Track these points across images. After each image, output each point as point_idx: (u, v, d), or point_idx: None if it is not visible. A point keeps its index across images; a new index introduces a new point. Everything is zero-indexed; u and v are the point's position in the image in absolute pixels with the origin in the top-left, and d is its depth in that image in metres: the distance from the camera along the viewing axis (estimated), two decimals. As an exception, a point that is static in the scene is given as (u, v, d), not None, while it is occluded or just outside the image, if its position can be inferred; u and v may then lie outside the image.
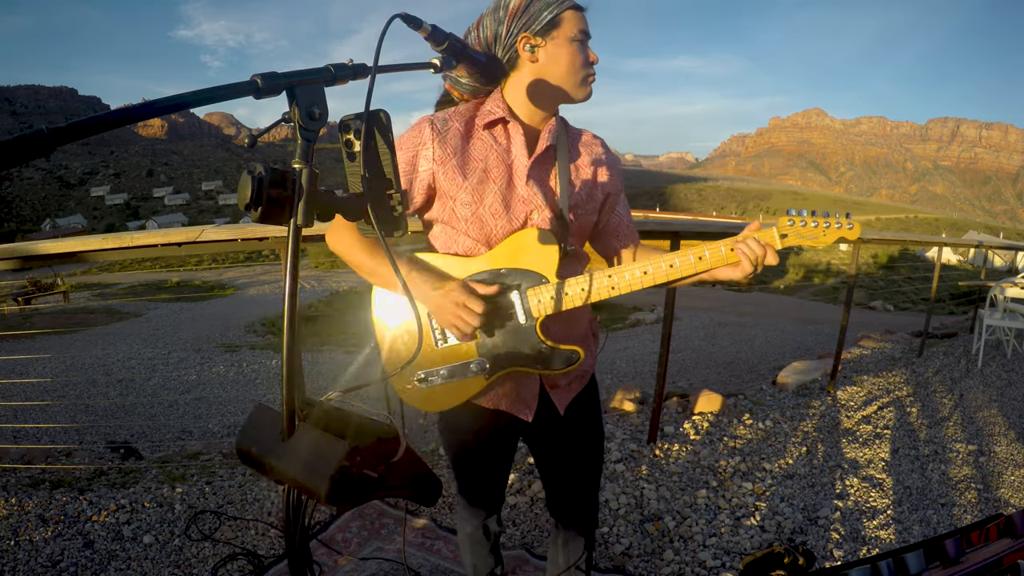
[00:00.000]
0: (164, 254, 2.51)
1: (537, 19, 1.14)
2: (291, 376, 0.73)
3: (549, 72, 1.17)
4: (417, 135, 1.17)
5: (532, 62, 1.17)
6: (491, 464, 1.49)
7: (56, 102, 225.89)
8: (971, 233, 59.98)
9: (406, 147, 1.17)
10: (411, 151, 1.17)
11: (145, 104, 0.56)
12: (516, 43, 1.16)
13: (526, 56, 1.16)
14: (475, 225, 1.19)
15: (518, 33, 1.15)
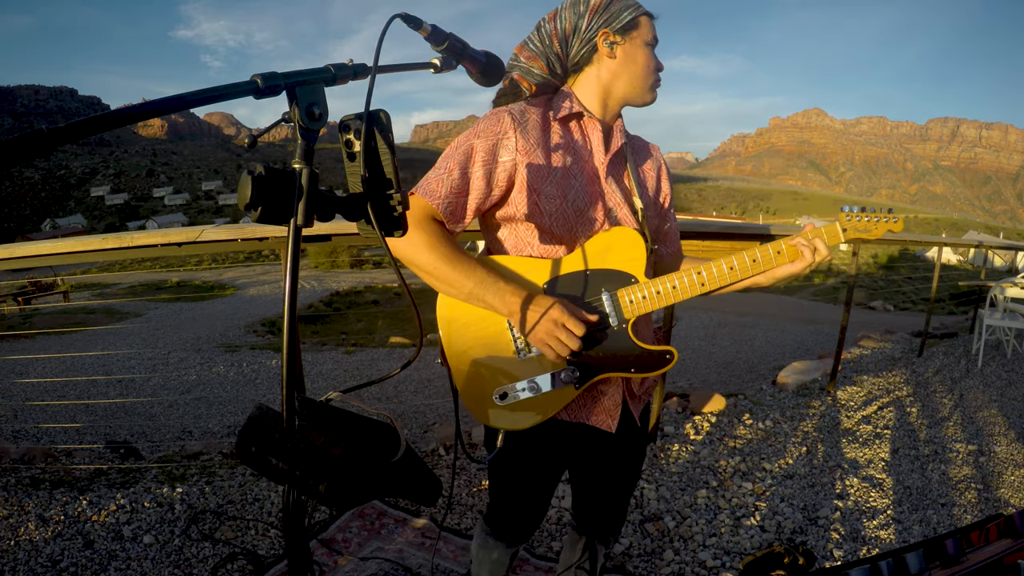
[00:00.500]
0: (164, 254, 2.51)
1: (618, 18, 1.16)
2: (291, 376, 0.73)
3: (625, 71, 1.18)
4: (496, 124, 1.11)
5: (610, 58, 1.17)
6: (555, 484, 1.37)
7: (56, 102, 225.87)
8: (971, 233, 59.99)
9: (485, 135, 1.11)
10: (490, 139, 1.11)
11: (145, 104, 0.56)
12: (596, 38, 1.16)
13: (605, 52, 1.17)
14: (559, 220, 1.14)
15: (599, 28, 1.15)
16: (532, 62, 1.19)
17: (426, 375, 5.85)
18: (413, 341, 7.86)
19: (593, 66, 1.19)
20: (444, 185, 1.09)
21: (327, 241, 2.58)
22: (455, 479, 2.75)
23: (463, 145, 1.11)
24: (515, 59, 1.21)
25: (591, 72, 1.19)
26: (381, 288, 15.38)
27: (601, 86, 1.19)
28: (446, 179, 1.09)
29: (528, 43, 1.20)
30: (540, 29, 1.19)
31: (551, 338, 1.09)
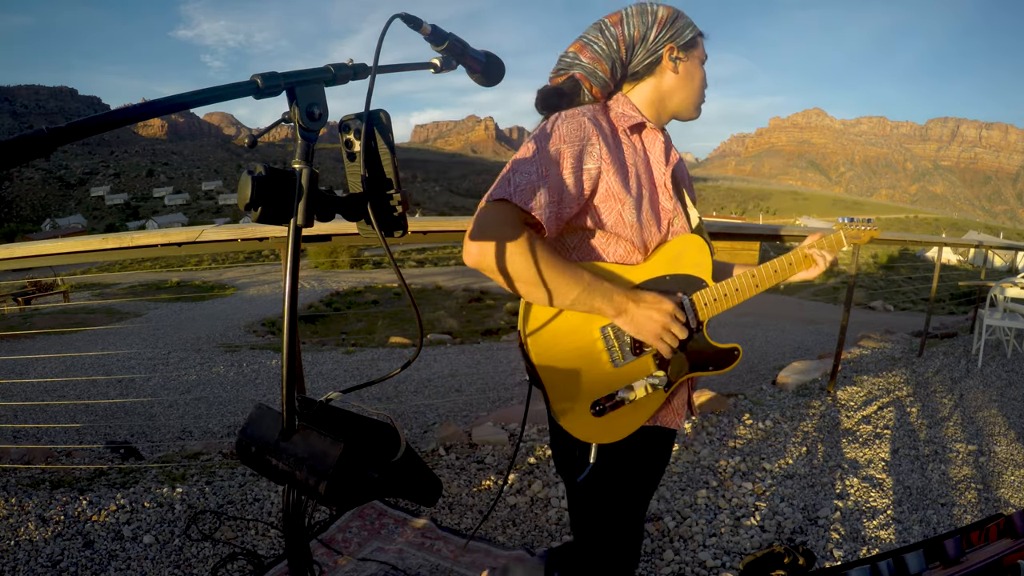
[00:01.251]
0: (164, 254, 2.51)
1: (682, 35, 1.18)
2: (291, 376, 0.73)
3: (683, 87, 1.21)
4: (579, 129, 1.08)
5: (673, 72, 1.19)
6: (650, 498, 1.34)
7: (56, 102, 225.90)
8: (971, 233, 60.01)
9: (569, 141, 1.06)
10: (576, 146, 1.07)
11: (145, 104, 0.56)
12: (662, 50, 1.18)
13: (668, 65, 1.19)
14: (637, 230, 1.13)
15: (665, 42, 1.17)
16: (597, 64, 1.17)
17: (426, 375, 5.85)
18: (413, 341, 7.86)
19: (654, 77, 1.20)
20: (539, 192, 1.03)
21: (327, 241, 2.58)
22: (454, 480, 2.76)
23: (549, 149, 1.06)
24: (574, 58, 1.18)
25: (651, 83, 1.20)
26: (381, 288, 15.38)
27: (659, 98, 1.21)
28: (539, 185, 1.03)
29: (591, 44, 1.18)
30: (604, 31, 1.17)
31: (666, 332, 1.11)
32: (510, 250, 1.01)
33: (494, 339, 8.56)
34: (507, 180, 1.04)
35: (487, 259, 1.02)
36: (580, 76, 1.18)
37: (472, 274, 18.80)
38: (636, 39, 1.16)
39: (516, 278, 1.03)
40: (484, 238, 1.01)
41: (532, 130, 1.16)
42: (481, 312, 12.37)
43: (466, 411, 4.39)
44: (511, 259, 1.02)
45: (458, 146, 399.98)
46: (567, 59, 1.19)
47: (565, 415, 1.13)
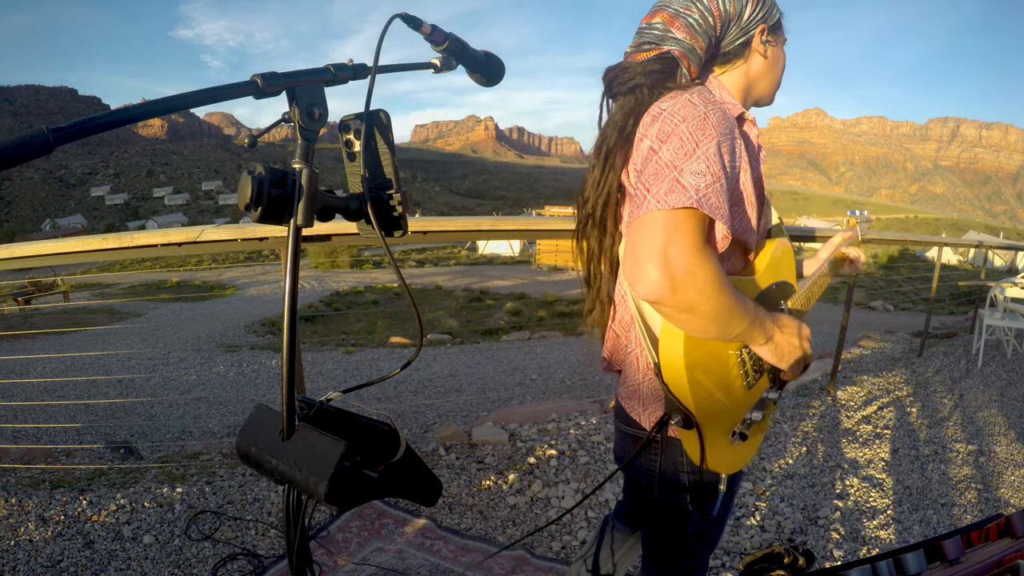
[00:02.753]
0: (164, 254, 2.51)
1: (772, 14, 1.07)
2: (291, 376, 0.73)
3: (769, 72, 1.11)
4: (725, 119, 0.92)
5: (762, 56, 1.08)
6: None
7: (56, 102, 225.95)
8: (971, 233, 60.01)
9: (724, 133, 0.90)
10: (728, 139, 0.91)
11: (145, 104, 0.56)
12: (754, 31, 1.05)
13: (758, 48, 1.07)
14: (753, 235, 1.04)
15: (758, 22, 1.05)
16: (694, 40, 1.01)
17: (426, 375, 5.85)
18: (413, 341, 7.86)
19: (743, 61, 1.08)
20: (721, 197, 0.86)
21: (327, 241, 2.58)
22: (454, 480, 2.76)
23: (709, 142, 0.88)
24: (665, 31, 1.01)
25: (740, 67, 1.08)
26: (381, 288, 15.38)
27: (748, 83, 1.09)
28: (717, 187, 0.86)
29: (683, 16, 1.01)
30: (696, 2, 1.01)
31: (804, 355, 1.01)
32: (705, 278, 0.83)
33: (494, 339, 8.56)
34: (677, 182, 0.85)
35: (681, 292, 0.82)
36: (679, 54, 1.01)
37: (472, 274, 18.81)
38: (732, 15, 1.02)
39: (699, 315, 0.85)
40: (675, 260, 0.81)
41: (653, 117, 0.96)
42: (481, 312, 12.37)
43: (466, 411, 4.39)
44: (704, 290, 0.83)
45: (458, 146, 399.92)
46: (655, 31, 1.02)
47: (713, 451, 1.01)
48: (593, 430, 3.19)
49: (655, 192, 0.86)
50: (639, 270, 0.83)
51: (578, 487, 2.67)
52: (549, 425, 3.27)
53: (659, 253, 0.82)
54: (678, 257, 0.82)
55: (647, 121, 0.97)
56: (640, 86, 1.00)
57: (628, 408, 1.12)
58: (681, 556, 1.17)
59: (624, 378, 1.13)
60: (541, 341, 7.99)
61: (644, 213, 0.86)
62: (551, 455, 2.91)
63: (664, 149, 0.89)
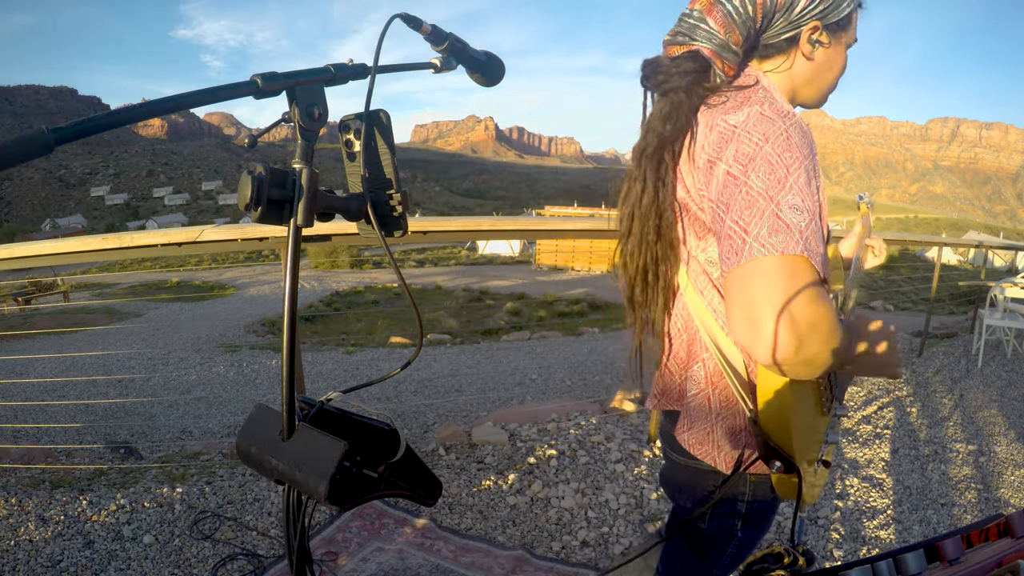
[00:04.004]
0: (164, 254, 2.52)
1: (837, 9, 0.90)
2: (291, 376, 0.73)
3: (818, 77, 0.96)
4: (804, 137, 0.82)
5: (807, 59, 0.93)
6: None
7: (56, 102, 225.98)
8: (971, 233, 60.02)
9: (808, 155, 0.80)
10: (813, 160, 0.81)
11: (145, 104, 0.56)
12: (804, 27, 0.90)
13: (804, 47, 0.92)
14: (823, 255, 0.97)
15: (812, 17, 0.89)
16: (730, 33, 0.88)
17: (426, 375, 5.85)
18: (413, 341, 7.86)
19: (785, 58, 0.93)
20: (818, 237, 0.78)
21: (327, 241, 2.58)
22: (454, 480, 2.76)
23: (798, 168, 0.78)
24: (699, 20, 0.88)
25: (780, 64, 0.94)
26: (381, 288, 15.38)
27: (791, 84, 0.95)
28: (814, 226, 0.77)
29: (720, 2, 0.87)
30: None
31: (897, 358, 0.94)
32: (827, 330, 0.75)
33: (494, 339, 8.56)
34: (777, 218, 0.75)
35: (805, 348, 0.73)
36: (710, 54, 0.88)
37: (472, 274, 18.81)
38: (780, 5, 0.88)
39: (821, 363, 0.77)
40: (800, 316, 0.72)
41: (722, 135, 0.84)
42: (481, 312, 12.37)
43: (466, 411, 4.39)
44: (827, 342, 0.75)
45: (458, 146, 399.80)
46: (690, 20, 0.90)
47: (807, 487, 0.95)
48: (593, 430, 3.19)
49: (756, 234, 0.76)
50: (758, 331, 0.73)
51: (578, 487, 2.67)
52: (549, 425, 3.27)
53: (780, 309, 0.72)
54: (801, 312, 0.72)
55: (714, 139, 0.85)
56: (676, 88, 0.89)
57: (697, 451, 1.02)
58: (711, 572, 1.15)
59: (688, 421, 1.02)
60: (541, 341, 7.99)
61: (749, 262, 0.75)
62: (551, 455, 2.91)
63: (753, 177, 0.78)
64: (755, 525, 1.08)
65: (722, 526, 1.07)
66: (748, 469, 0.97)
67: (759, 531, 1.10)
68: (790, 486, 0.93)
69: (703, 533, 1.11)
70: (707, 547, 1.11)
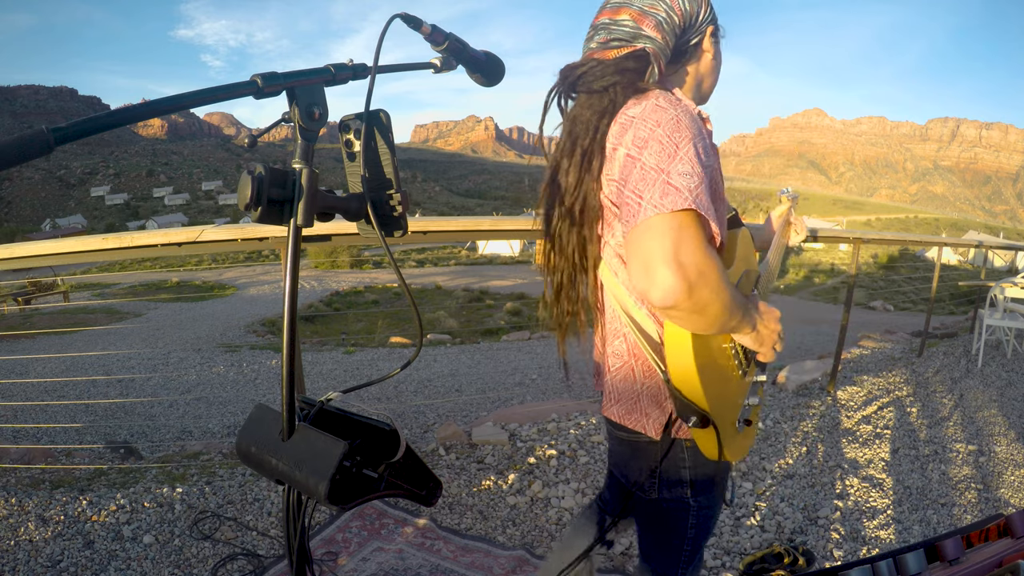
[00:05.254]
0: (164, 254, 2.52)
1: (716, 18, 1.09)
2: (291, 376, 0.73)
3: (714, 72, 1.13)
4: (693, 120, 0.93)
5: (711, 57, 1.10)
6: None
7: (56, 102, 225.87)
8: (971, 233, 60.01)
9: (696, 134, 0.91)
10: (700, 140, 0.92)
11: (145, 104, 0.56)
12: (705, 32, 1.07)
13: (709, 49, 1.09)
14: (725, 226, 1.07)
15: (708, 23, 1.07)
16: (665, 39, 1.00)
17: (426, 375, 5.85)
18: (413, 341, 7.85)
19: (695, 62, 1.09)
20: (706, 196, 0.87)
21: (327, 241, 2.58)
22: (454, 480, 2.76)
23: (687, 143, 0.89)
24: (636, 28, 1.00)
25: (692, 67, 1.09)
26: (381, 288, 15.38)
27: (696, 82, 1.11)
28: (703, 188, 0.87)
29: (651, 14, 1.00)
30: (659, 0, 1.00)
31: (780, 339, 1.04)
32: (715, 277, 0.84)
33: (494, 339, 8.56)
34: (668, 184, 0.85)
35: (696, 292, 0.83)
36: (653, 52, 0.98)
37: (472, 274, 18.80)
38: (692, 15, 1.03)
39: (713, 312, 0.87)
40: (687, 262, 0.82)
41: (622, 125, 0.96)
42: (481, 312, 12.36)
43: (466, 411, 4.39)
44: (715, 288, 0.85)
45: (458, 146, 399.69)
46: (624, 28, 1.00)
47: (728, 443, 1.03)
48: (593, 430, 3.19)
49: (649, 198, 0.86)
50: (652, 276, 0.83)
51: (578, 487, 2.67)
52: (549, 425, 3.27)
53: (671, 257, 0.82)
54: (689, 258, 0.82)
55: (616, 130, 0.97)
56: (615, 84, 0.98)
57: (628, 421, 1.11)
58: (681, 549, 1.19)
59: (617, 392, 1.11)
60: (541, 341, 7.99)
61: (644, 220, 0.85)
62: (551, 455, 2.91)
63: (646, 155, 0.89)
64: (705, 492, 1.14)
65: (674, 497, 1.14)
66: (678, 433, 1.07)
67: (711, 498, 1.15)
68: (710, 442, 1.01)
69: (661, 508, 1.16)
70: (668, 522, 1.17)
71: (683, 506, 1.14)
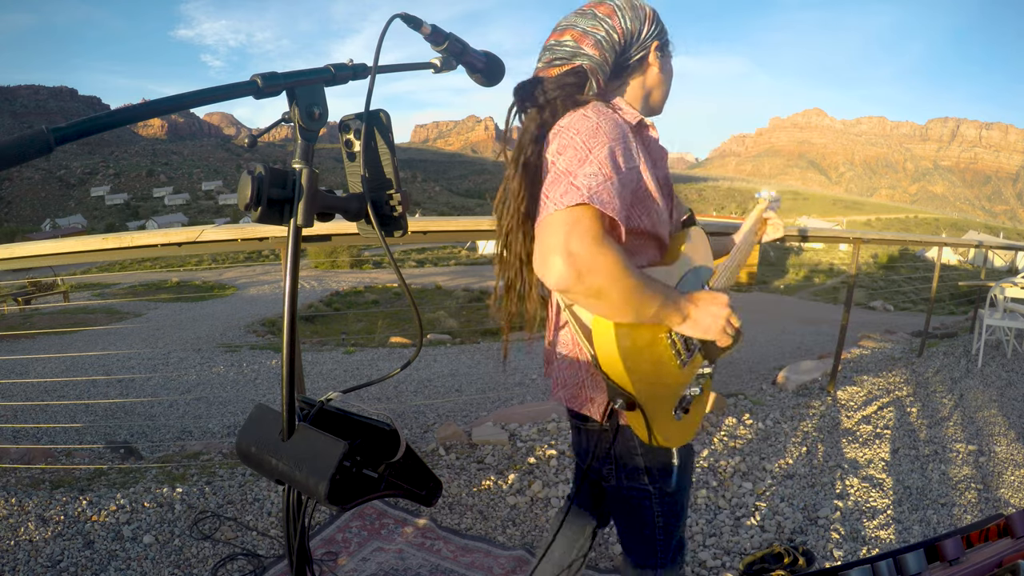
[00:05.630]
0: (164, 254, 2.52)
1: (663, 33, 1.19)
2: (291, 376, 0.73)
3: (662, 85, 1.22)
4: (616, 126, 1.02)
5: (657, 70, 1.19)
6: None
7: (56, 102, 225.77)
8: (971, 233, 60.01)
9: (615, 138, 0.99)
10: (621, 143, 1.00)
11: (145, 104, 0.56)
12: (650, 47, 1.17)
13: (655, 63, 1.18)
14: (664, 226, 1.15)
15: (653, 39, 1.17)
16: (603, 56, 1.11)
17: (426, 375, 5.85)
18: (413, 341, 7.85)
19: (640, 75, 1.18)
20: (612, 193, 0.95)
21: (327, 241, 2.58)
22: (454, 480, 2.76)
23: (600, 147, 0.97)
24: (576, 48, 1.10)
25: (638, 80, 1.19)
26: (381, 288, 15.37)
27: (643, 94, 1.21)
28: (608, 185, 0.95)
29: (591, 33, 1.11)
30: (601, 21, 1.11)
31: (728, 325, 1.09)
32: (608, 264, 0.91)
33: (494, 339, 8.55)
34: (571, 184, 0.94)
35: (587, 278, 0.90)
36: (590, 68, 1.09)
37: (472, 274, 18.80)
38: (633, 33, 1.13)
39: (607, 300, 0.94)
40: (572, 253, 0.90)
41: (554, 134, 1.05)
42: (481, 312, 12.36)
43: (466, 411, 4.39)
44: (606, 279, 0.91)
45: (458, 146, 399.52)
46: (566, 48, 1.11)
47: (659, 428, 1.10)
48: (593, 430, 3.19)
49: (552, 197, 0.96)
50: (546, 264, 0.92)
51: (578, 487, 2.67)
52: (549, 425, 3.27)
53: (562, 247, 0.91)
54: (578, 247, 0.90)
55: (550, 138, 1.06)
56: (555, 99, 1.07)
57: (574, 405, 1.20)
58: (654, 539, 1.25)
59: (563, 378, 1.20)
60: (541, 341, 7.97)
61: (545, 216, 0.95)
62: (551, 455, 2.91)
63: (561, 160, 0.99)
64: (663, 478, 1.20)
65: (634, 485, 1.21)
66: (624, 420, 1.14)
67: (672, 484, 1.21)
68: (640, 425, 1.08)
69: (623, 496, 1.24)
70: (635, 511, 1.25)
71: (644, 494, 1.21)
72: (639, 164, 1.04)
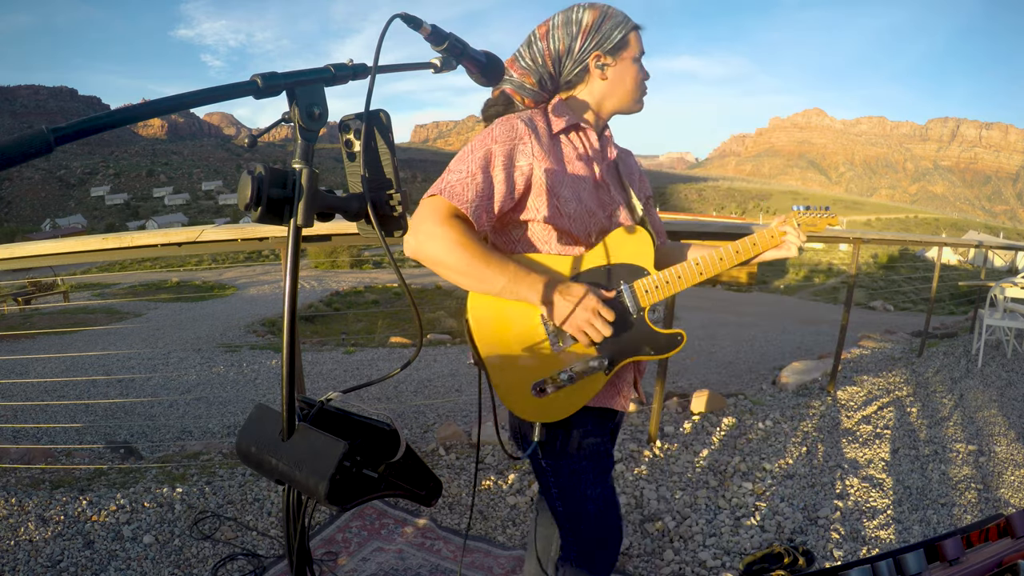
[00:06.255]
0: (164, 254, 2.52)
1: (608, 38, 1.22)
2: (291, 376, 0.73)
3: (615, 90, 1.26)
4: (511, 130, 1.16)
5: (602, 79, 1.24)
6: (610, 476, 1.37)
7: (56, 102, 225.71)
8: (971, 233, 59.99)
9: (501, 141, 1.15)
10: (507, 145, 1.15)
11: (145, 104, 0.56)
12: (588, 60, 1.22)
13: (596, 74, 1.24)
14: (578, 222, 1.21)
15: (591, 51, 1.22)
16: (524, 78, 1.23)
17: (426, 375, 5.85)
18: (413, 341, 7.85)
19: (585, 85, 1.26)
20: (469, 189, 1.11)
21: (327, 241, 2.58)
22: (454, 480, 2.75)
23: (480, 150, 1.14)
24: (507, 72, 1.24)
25: (583, 90, 1.26)
26: (381, 288, 15.37)
27: (593, 102, 1.27)
28: (469, 183, 1.12)
29: (519, 59, 1.24)
30: (532, 46, 1.23)
31: (588, 325, 1.15)
32: (440, 241, 1.10)
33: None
34: (441, 178, 1.14)
35: (422, 250, 1.12)
36: (510, 91, 1.24)
37: (472, 274, 18.74)
38: (562, 52, 1.22)
39: (447, 267, 1.12)
40: (418, 230, 1.11)
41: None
42: (481, 312, 12.33)
43: (466, 411, 4.39)
44: (441, 250, 1.10)
45: (458, 146, 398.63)
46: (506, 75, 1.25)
47: (507, 396, 1.21)
48: (593, 430, 3.19)
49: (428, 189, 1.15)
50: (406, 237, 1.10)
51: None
52: (549, 425, 3.27)
53: (414, 225, 1.10)
54: (422, 226, 1.10)
55: None
56: (491, 117, 1.24)
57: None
58: (555, 511, 1.32)
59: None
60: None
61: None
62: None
63: (454, 159, 1.16)
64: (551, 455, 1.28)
65: (535, 459, 1.31)
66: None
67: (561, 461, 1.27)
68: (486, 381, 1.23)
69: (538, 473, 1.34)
70: (542, 485, 1.34)
71: (540, 468, 1.31)
72: (531, 163, 1.15)
